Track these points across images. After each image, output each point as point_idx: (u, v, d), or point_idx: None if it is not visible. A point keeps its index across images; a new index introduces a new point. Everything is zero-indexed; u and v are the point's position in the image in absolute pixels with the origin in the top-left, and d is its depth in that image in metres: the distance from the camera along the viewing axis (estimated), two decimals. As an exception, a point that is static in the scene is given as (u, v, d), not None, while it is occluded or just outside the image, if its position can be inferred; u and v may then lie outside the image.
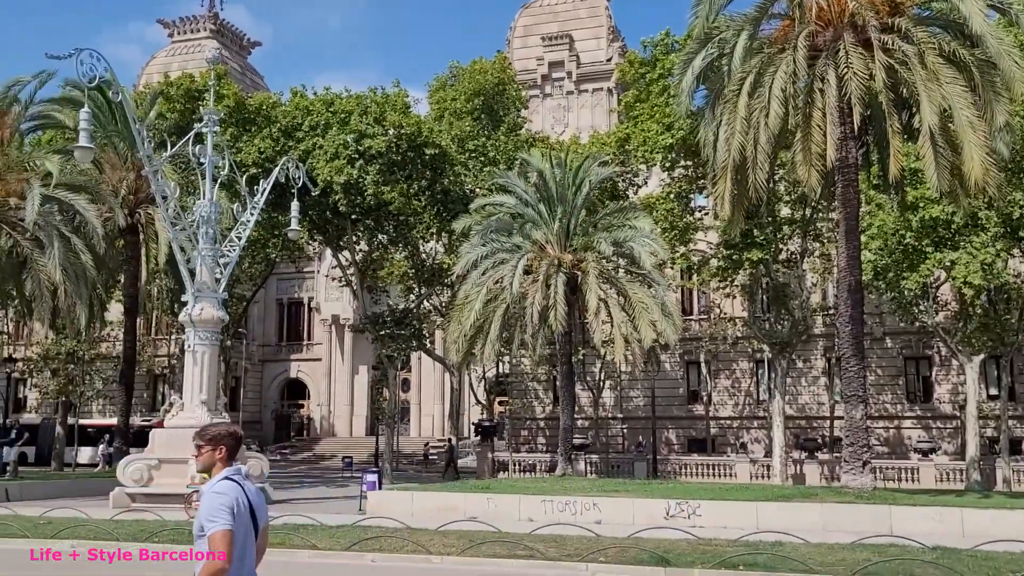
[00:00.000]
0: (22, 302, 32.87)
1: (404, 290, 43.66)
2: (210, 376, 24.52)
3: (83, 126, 21.64)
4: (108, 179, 32.11)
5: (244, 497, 5.01)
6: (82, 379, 47.89)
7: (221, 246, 25.19)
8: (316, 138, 32.62)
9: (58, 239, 27.45)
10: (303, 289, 62.12)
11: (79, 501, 21.49)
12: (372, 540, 14.19)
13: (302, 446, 57.17)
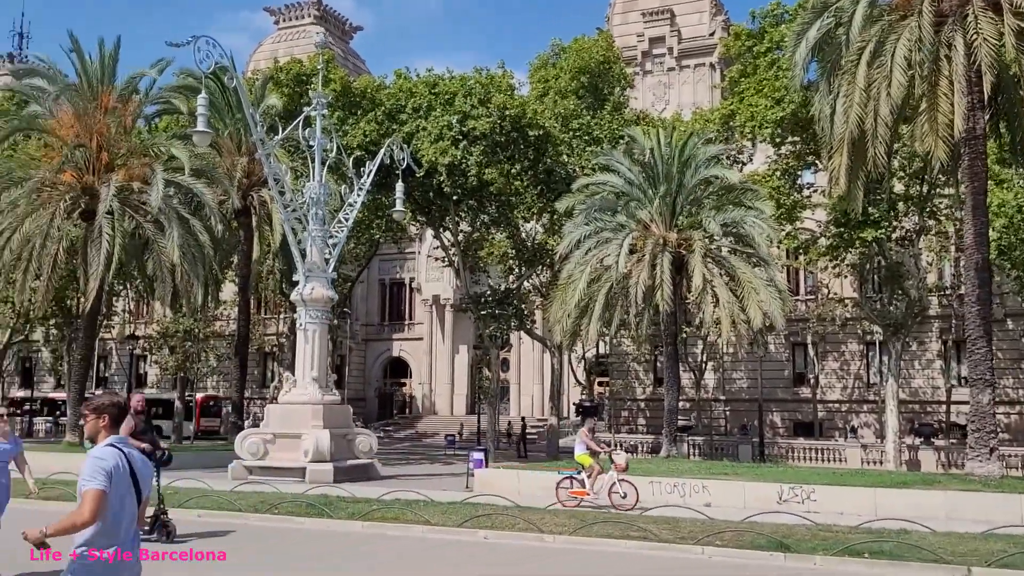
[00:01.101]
0: (144, 282, 34.47)
1: (504, 270, 43.82)
2: (320, 353, 25.18)
3: (200, 111, 22.37)
4: (223, 163, 33.24)
5: (125, 464, 5.10)
6: (197, 356, 50.00)
7: (330, 227, 25.77)
8: (420, 120, 32.93)
9: (177, 222, 28.59)
10: (405, 270, 63.15)
11: (201, 473, 22.39)
12: (484, 517, 14.30)
13: (404, 424, 58.33)
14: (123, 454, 5.14)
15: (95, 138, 29.46)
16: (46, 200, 28.88)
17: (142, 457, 5.33)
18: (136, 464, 5.20)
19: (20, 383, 63.41)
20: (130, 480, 5.14)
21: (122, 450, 5.15)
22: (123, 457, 5.12)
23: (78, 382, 31.00)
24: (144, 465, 5.29)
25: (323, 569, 11.30)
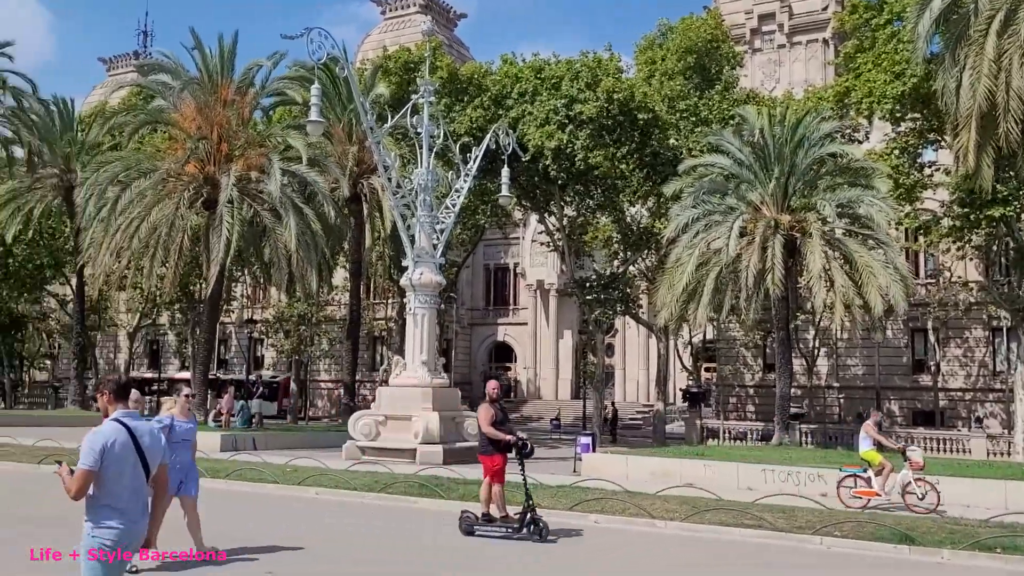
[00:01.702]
0: (261, 268, 35.79)
1: (609, 254, 43.56)
2: (429, 337, 25.61)
3: (314, 101, 23.00)
4: (335, 151, 34.14)
5: (126, 437, 5.26)
6: (311, 339, 51.74)
7: (437, 213, 26.12)
8: (526, 105, 32.99)
9: (293, 210, 29.54)
10: (509, 255, 63.55)
11: (315, 452, 23.15)
12: (593, 501, 14.29)
13: (509, 407, 58.49)
14: (126, 428, 5.31)
15: (215, 130, 30.71)
16: (171, 190, 30.31)
17: (151, 430, 5.53)
18: (142, 438, 5.36)
19: (148, 364, 67.01)
20: (134, 452, 5.31)
21: (125, 424, 5.33)
22: (125, 431, 5.30)
23: (202, 364, 32.51)
24: (152, 439, 5.47)
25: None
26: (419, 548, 11.61)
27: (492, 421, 11.76)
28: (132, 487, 5.32)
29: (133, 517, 5.30)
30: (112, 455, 5.20)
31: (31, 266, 51.00)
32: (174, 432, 9.48)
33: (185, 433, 9.72)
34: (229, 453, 22.87)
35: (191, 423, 9.94)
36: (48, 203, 43.17)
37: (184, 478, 9.54)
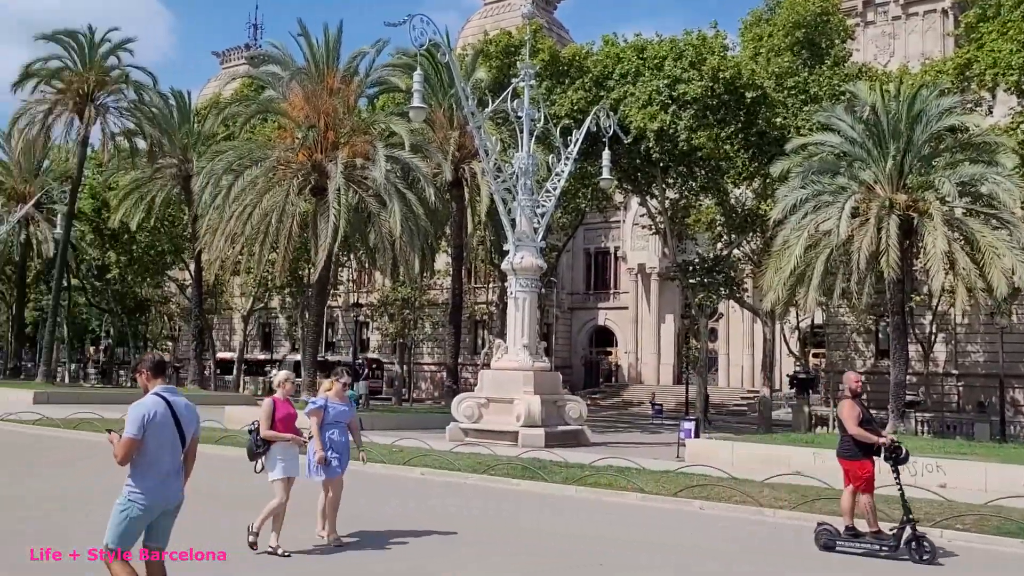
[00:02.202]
0: (366, 252, 36.57)
1: (713, 237, 42.68)
2: (530, 321, 25.67)
3: (416, 88, 23.34)
4: (436, 137, 34.52)
5: (166, 409, 5.92)
6: (414, 323, 52.69)
7: (538, 197, 26.09)
8: (627, 86, 32.54)
9: (397, 195, 30.03)
10: (610, 238, 63.08)
11: (420, 433, 23.57)
12: (698, 488, 14.06)
13: (610, 392, 58.59)
14: (165, 401, 5.97)
15: (322, 118, 31.47)
16: (281, 178, 31.26)
17: (186, 403, 6.13)
18: (179, 409, 6.03)
19: (261, 346, 69.62)
20: (172, 423, 5.97)
21: (164, 397, 5.99)
22: (164, 404, 5.96)
23: (311, 346, 33.50)
24: (187, 410, 6.10)
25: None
26: (572, 537, 11.63)
27: (859, 420, 10.15)
28: (170, 452, 6.00)
29: (168, 478, 5.98)
30: (153, 425, 5.86)
31: (153, 252, 53.69)
32: (328, 414, 9.53)
33: (339, 415, 9.69)
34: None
35: (345, 406, 9.88)
36: (168, 192, 45.21)
37: (339, 459, 9.59)
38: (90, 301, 63.52)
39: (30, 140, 45.46)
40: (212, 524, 11.15)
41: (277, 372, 10.25)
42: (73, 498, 12.80)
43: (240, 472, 16.47)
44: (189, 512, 6.67)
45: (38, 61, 43.46)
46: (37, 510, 11.51)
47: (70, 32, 43.74)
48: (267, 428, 9.14)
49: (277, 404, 9.30)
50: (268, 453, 9.17)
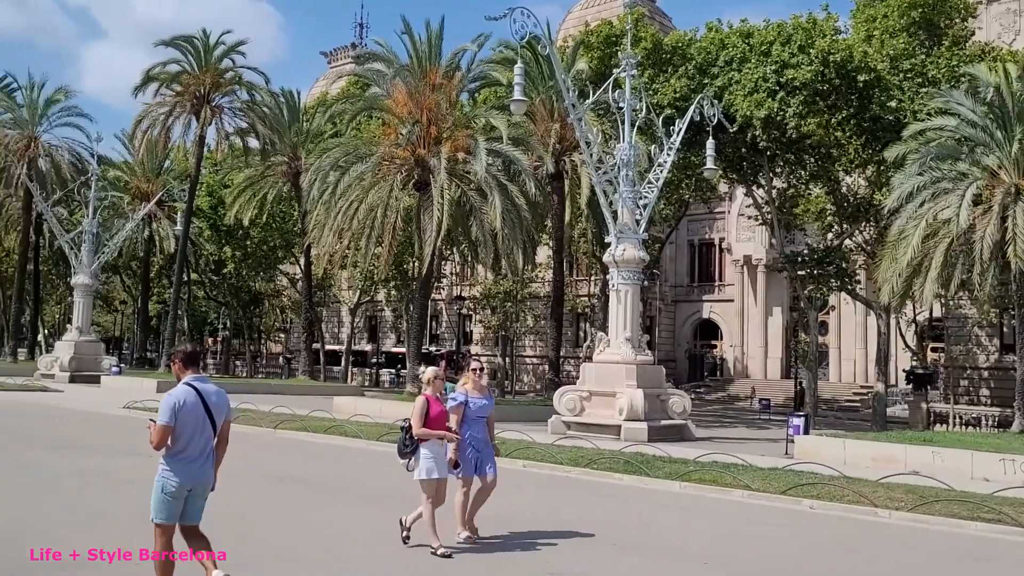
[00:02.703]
0: (468, 246, 36.93)
1: (823, 227, 41.26)
2: (632, 314, 25.41)
3: (517, 81, 23.35)
4: (537, 130, 34.54)
5: (195, 397, 6.38)
6: (516, 316, 52.97)
7: (640, 188, 25.77)
8: (732, 73, 31.73)
9: (498, 189, 30.20)
10: (714, 230, 61.86)
11: (522, 425, 23.62)
12: (808, 486, 13.61)
13: (715, 386, 57.52)
14: (195, 390, 6.43)
15: (425, 113, 31.91)
16: (385, 173, 31.88)
17: (217, 391, 6.58)
18: (209, 398, 6.47)
19: (368, 338, 71.35)
20: (203, 410, 6.42)
21: (194, 387, 6.45)
22: (194, 392, 6.42)
23: (415, 338, 34.09)
24: (218, 397, 6.54)
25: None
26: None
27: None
28: (200, 437, 6.42)
29: (199, 461, 6.41)
30: (184, 412, 6.32)
31: (265, 247, 55.71)
32: (468, 408, 9.09)
33: (480, 410, 9.17)
34: (441, 424, 23.79)
35: (486, 399, 9.33)
36: (279, 189, 46.81)
37: (479, 457, 9.15)
38: (208, 294, 66.43)
39: (152, 141, 47.84)
40: (356, 515, 11.43)
41: (425, 369, 9.77)
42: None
43: (351, 462, 16.92)
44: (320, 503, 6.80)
45: (158, 66, 45.68)
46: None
47: (187, 37, 45.75)
48: (419, 427, 8.72)
49: (431, 402, 8.86)
50: (417, 452, 8.79)
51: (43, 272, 61.12)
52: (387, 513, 9.91)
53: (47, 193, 49.20)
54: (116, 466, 14.65)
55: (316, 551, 8.94)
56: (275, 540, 9.39)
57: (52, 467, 14.02)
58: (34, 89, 52.82)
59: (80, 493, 11.94)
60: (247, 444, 19.09)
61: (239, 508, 10.36)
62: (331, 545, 9.28)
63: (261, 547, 8.98)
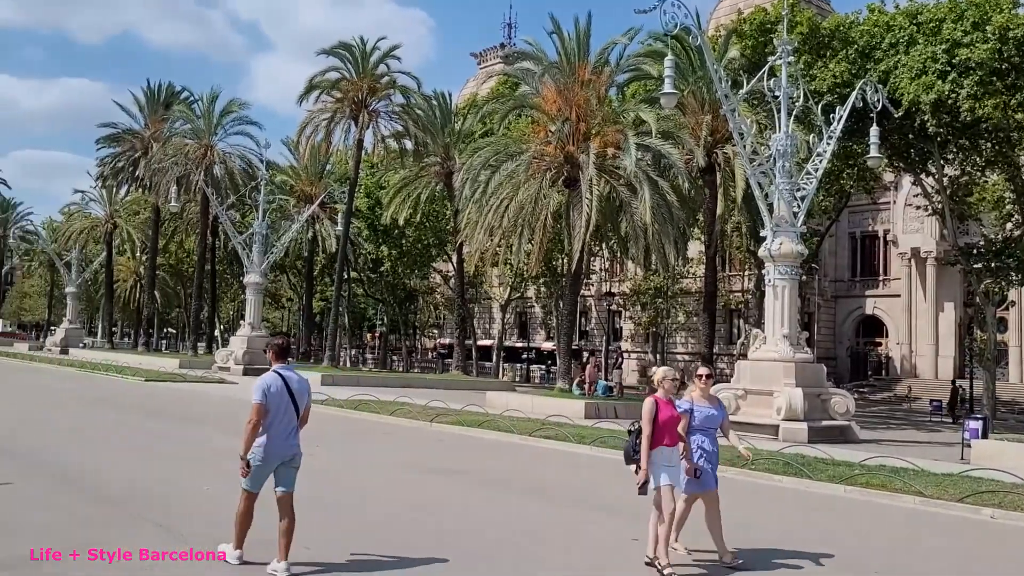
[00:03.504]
0: (618, 242, 36.72)
1: (1001, 217, 38.39)
2: (790, 310, 24.52)
3: (667, 73, 22.95)
4: (687, 122, 33.89)
5: (281, 383, 7.40)
6: (667, 312, 52.23)
7: (797, 179, 24.82)
8: (898, 55, 29.98)
9: (648, 183, 29.84)
10: (877, 221, 58.80)
11: (675, 423, 23.28)
12: (988, 494, 12.69)
13: (880, 385, 54.65)
14: (281, 377, 7.44)
15: (574, 110, 31.95)
16: (535, 171, 32.14)
17: (300, 379, 7.57)
18: (292, 384, 7.47)
19: (518, 334, 72.27)
20: (287, 395, 7.40)
21: (281, 374, 7.46)
22: (280, 379, 7.42)
23: (566, 334, 34.22)
24: (300, 384, 7.51)
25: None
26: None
27: None
28: (285, 416, 7.41)
29: (283, 437, 7.38)
30: (271, 395, 7.34)
31: (420, 246, 57.47)
32: (694, 418, 8.38)
33: (707, 420, 8.43)
34: (592, 420, 23.84)
35: (715, 409, 8.58)
36: (432, 188, 48.13)
37: (711, 469, 8.49)
38: (366, 291, 69.19)
39: (315, 146, 50.30)
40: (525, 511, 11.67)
41: (656, 368, 8.89)
42: (361, 467, 14.00)
43: (506, 455, 17.19)
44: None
45: (319, 74, 47.90)
46: (325, 477, 12.69)
47: (345, 45, 47.77)
48: (648, 431, 7.99)
49: (660, 405, 8.09)
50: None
51: (219, 271, 65.47)
52: (542, 509, 9.99)
53: (221, 198, 52.63)
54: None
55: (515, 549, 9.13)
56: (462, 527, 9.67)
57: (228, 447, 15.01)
58: (210, 101, 56.68)
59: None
60: (407, 437, 19.77)
61: (417, 498, 10.71)
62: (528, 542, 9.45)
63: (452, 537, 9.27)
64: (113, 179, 64.77)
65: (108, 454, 14.60)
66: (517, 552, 8.93)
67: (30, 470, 12.54)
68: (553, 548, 9.12)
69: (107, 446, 15.80)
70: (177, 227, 67.53)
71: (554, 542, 9.40)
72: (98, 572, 7.30)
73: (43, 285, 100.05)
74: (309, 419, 7.76)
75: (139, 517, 9.51)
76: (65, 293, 73.38)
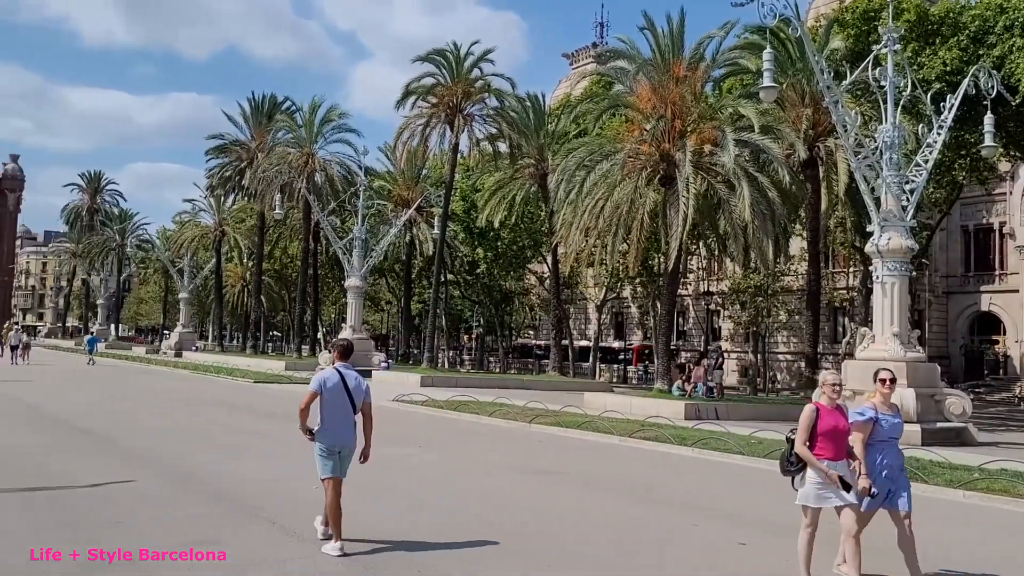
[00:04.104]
0: (716, 240, 36.07)
1: None
2: (900, 307, 23.59)
3: (766, 66, 22.48)
4: (787, 116, 33.05)
5: (339, 379, 8.18)
6: (768, 311, 51.01)
7: (905, 172, 23.87)
8: (1014, 39, 28.53)
9: (746, 179, 29.21)
10: (992, 213, 55.97)
11: (779, 424, 22.69)
12: (1123, 502, 11.95)
13: (998, 385, 52.01)
14: (339, 373, 8.23)
15: (669, 107, 31.55)
16: (630, 170, 31.87)
17: (356, 376, 8.32)
18: (350, 381, 8.23)
19: (614, 335, 71.83)
20: (344, 391, 8.15)
21: (339, 371, 8.25)
22: (339, 375, 8.20)
23: (664, 334, 33.81)
24: (356, 382, 8.26)
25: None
26: None
27: None
28: (341, 410, 8.14)
29: (341, 432, 8.18)
30: (327, 388, 8.12)
31: (515, 247, 57.77)
32: (879, 428, 7.51)
33: (892, 429, 7.60)
34: (693, 422, 23.49)
35: (897, 417, 7.75)
36: (526, 191, 48.33)
37: (894, 488, 7.55)
38: (463, 293, 69.98)
39: (411, 151, 51.18)
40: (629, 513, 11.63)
41: (824, 372, 7.99)
42: (463, 468, 14.19)
43: (605, 456, 17.10)
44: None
45: (414, 80, 48.73)
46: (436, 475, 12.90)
47: (439, 51, 48.44)
48: (802, 442, 7.32)
49: (821, 413, 7.36)
50: (805, 471, 7.42)
51: (320, 276, 67.32)
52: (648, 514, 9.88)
53: (323, 204, 54.10)
54: (393, 455, 15.83)
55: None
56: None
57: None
58: (311, 111, 58.38)
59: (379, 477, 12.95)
60: (506, 437, 19.90)
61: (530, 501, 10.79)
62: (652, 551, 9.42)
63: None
64: (221, 188, 67.38)
65: (222, 454, 15.20)
66: (626, 554, 8.87)
67: (151, 469, 13.17)
68: (660, 552, 9.03)
69: (222, 446, 16.46)
70: (281, 233, 69.75)
71: (656, 545, 9.30)
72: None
73: (157, 291, 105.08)
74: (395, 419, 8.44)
75: (253, 515, 9.87)
76: (178, 298, 76.81)
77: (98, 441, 16.44)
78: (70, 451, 14.82)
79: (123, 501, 10.42)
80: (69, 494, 10.71)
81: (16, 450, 14.60)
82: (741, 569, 8.47)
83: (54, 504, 10.13)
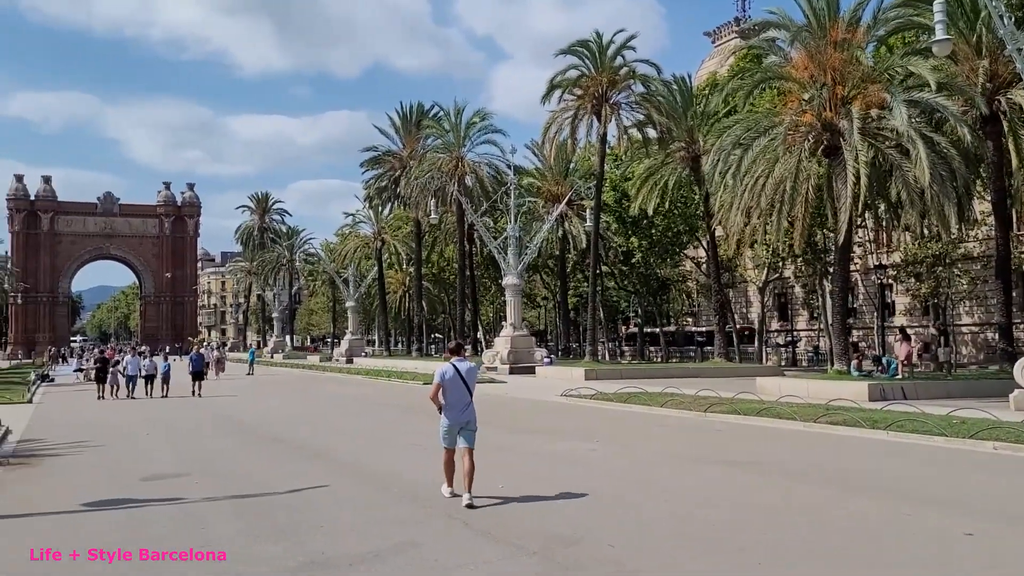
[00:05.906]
0: (888, 209, 33.96)
1: None
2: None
3: (938, 19, 21.01)
4: (960, 71, 30.69)
5: (454, 371, 10.48)
6: (948, 281, 47.63)
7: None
8: None
9: (922, 141, 27.29)
10: None
11: (973, 402, 21.12)
12: None
13: None
14: (455, 367, 10.52)
15: (828, 74, 29.94)
16: (790, 143, 30.46)
17: (468, 367, 10.61)
18: (463, 371, 10.51)
19: (778, 317, 69.24)
20: (460, 379, 10.45)
21: (455, 365, 10.56)
22: (454, 368, 10.50)
23: (839, 312, 32.16)
24: (468, 372, 10.52)
25: None
26: None
27: None
28: (459, 395, 10.48)
29: (458, 413, 10.48)
30: (447, 379, 10.47)
31: (670, 234, 56.71)
32: None
33: None
34: (879, 403, 22.16)
35: None
36: (678, 175, 47.29)
37: None
38: (618, 284, 69.37)
39: (559, 145, 51.17)
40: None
41: None
42: (642, 462, 13.89)
43: (798, 444, 16.34)
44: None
45: (559, 74, 48.62)
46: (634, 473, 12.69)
47: (582, 42, 48.14)
48: None
49: None
50: None
51: (477, 276, 68.51)
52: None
53: (475, 205, 54.99)
54: (577, 450, 15.72)
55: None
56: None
57: (530, 449, 15.47)
58: (456, 115, 59.47)
59: (571, 473, 12.91)
60: (682, 428, 19.38)
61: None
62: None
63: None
64: (378, 198, 69.82)
65: (400, 454, 15.57)
66: (853, 557, 8.34)
67: (342, 472, 13.64)
68: (895, 549, 8.44)
69: (399, 447, 16.87)
70: (436, 237, 71.48)
71: (891, 542, 8.69)
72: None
73: (326, 302, 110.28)
74: (567, 414, 8.84)
75: (446, 515, 9.96)
76: (345, 307, 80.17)
77: (297, 448, 17.22)
78: (264, 456, 15.58)
79: (322, 504, 10.79)
80: (271, 500, 11.19)
81: (222, 454, 15.51)
82: (979, 562, 7.77)
83: (261, 508, 10.60)
